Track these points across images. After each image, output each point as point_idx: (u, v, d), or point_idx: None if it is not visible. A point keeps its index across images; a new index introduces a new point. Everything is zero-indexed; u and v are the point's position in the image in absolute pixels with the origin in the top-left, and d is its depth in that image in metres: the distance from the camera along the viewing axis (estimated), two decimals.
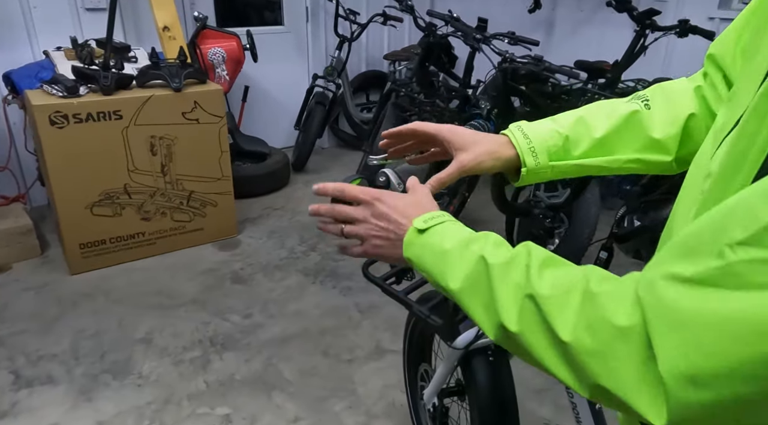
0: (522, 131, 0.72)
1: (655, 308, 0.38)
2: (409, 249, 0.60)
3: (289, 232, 3.08)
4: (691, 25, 2.40)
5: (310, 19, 4.12)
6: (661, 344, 0.37)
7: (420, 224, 0.60)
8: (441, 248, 0.57)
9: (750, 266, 0.33)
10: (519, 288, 0.48)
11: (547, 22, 3.80)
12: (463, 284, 0.54)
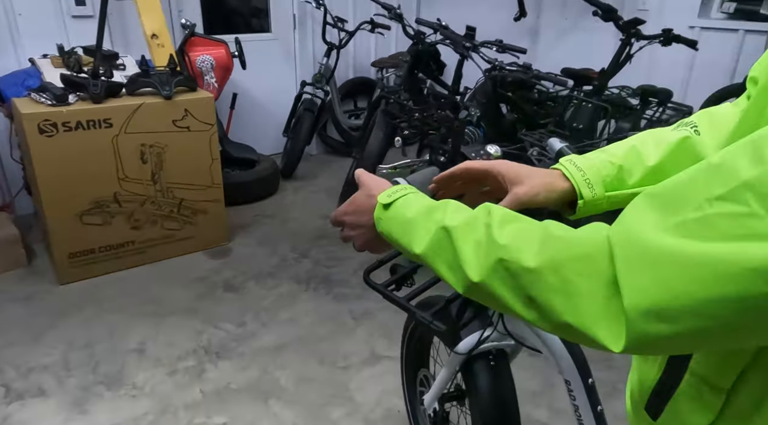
0: (574, 164, 0.73)
1: (626, 249, 0.41)
2: (379, 224, 0.67)
3: (281, 239, 3.07)
4: (675, 35, 2.47)
5: (297, 26, 4.13)
6: (629, 281, 0.40)
7: (384, 200, 0.66)
8: (404, 217, 0.63)
9: (724, 218, 0.36)
10: (480, 245, 0.52)
11: (532, 30, 3.86)
12: (426, 248, 0.58)
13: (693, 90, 3.18)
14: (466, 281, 0.53)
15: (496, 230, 0.52)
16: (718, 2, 3.16)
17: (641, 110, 2.83)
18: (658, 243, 0.39)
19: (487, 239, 0.52)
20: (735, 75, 2.99)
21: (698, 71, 3.15)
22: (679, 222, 0.39)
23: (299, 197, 3.68)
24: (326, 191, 3.73)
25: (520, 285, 0.48)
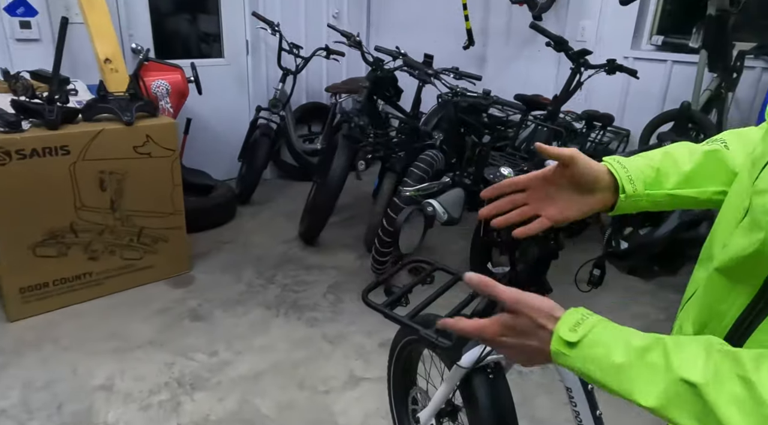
0: (618, 162, 0.77)
1: None
2: (563, 359, 0.59)
3: (244, 265, 3.02)
4: (618, 64, 2.70)
5: (250, 52, 4.13)
6: None
7: (568, 336, 0.58)
8: (611, 362, 0.55)
9: None
10: (743, 402, 0.47)
11: (479, 57, 4.07)
12: (661, 401, 0.52)
13: (628, 115, 3.45)
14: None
15: (762, 389, 0.46)
16: (647, 35, 3.48)
17: (587, 133, 3.05)
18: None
19: (753, 401, 0.47)
20: (666, 101, 3.28)
21: (632, 97, 3.43)
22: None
23: (258, 222, 3.63)
24: (285, 216, 3.71)
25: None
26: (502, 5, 3.76)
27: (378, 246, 2.61)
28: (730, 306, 0.59)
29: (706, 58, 2.52)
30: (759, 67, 2.94)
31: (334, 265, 3.06)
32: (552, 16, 3.58)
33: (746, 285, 0.56)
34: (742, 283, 0.56)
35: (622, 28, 3.40)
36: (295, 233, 3.41)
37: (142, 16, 3.54)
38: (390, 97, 3.32)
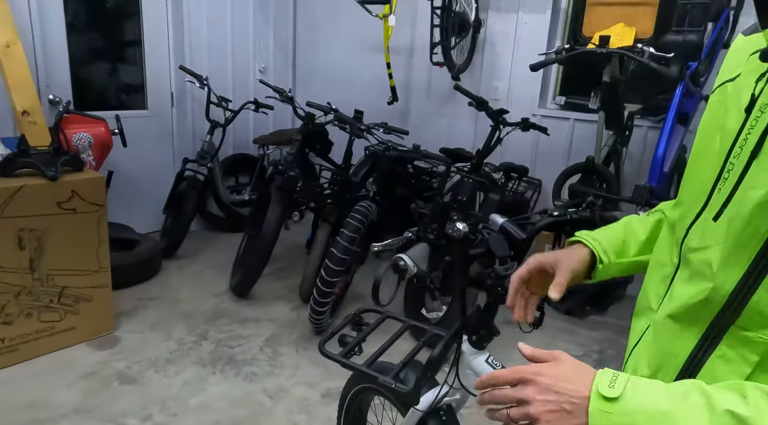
0: (592, 237, 0.92)
1: None
2: (603, 420, 0.58)
3: (173, 322, 2.91)
4: (531, 122, 3.00)
5: (175, 103, 4.11)
6: None
7: (607, 392, 0.59)
8: (657, 409, 0.56)
9: None
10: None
11: (403, 112, 4.31)
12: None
13: (540, 166, 3.79)
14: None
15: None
16: (551, 95, 3.88)
17: (505, 183, 3.31)
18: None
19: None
20: (570, 154, 3.65)
21: (542, 151, 3.78)
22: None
23: (186, 276, 3.53)
24: (214, 268, 3.63)
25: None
26: (423, 66, 4.05)
27: (317, 297, 2.64)
28: (681, 347, 0.68)
29: (603, 118, 2.87)
30: (645, 126, 3.38)
31: (269, 317, 3.03)
32: (468, 77, 3.91)
33: (695, 327, 0.67)
34: (692, 326, 0.67)
35: (529, 89, 3.77)
36: (226, 286, 3.35)
37: (62, 65, 3.43)
38: (321, 149, 3.43)
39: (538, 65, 2.65)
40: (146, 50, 3.89)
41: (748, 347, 0.62)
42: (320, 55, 4.73)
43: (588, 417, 0.59)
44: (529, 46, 3.68)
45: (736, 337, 0.63)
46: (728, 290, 0.62)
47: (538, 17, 3.65)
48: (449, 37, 3.37)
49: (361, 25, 4.24)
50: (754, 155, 0.61)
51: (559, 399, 0.61)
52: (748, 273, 0.60)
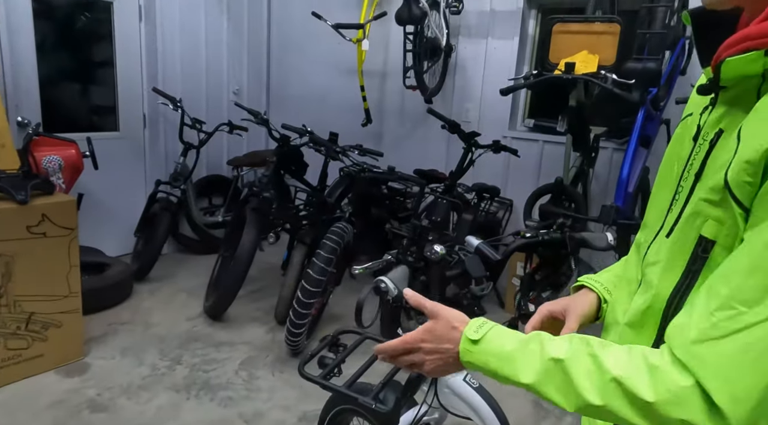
0: (593, 279, 0.97)
1: (700, 370, 0.58)
2: (469, 356, 0.74)
3: (145, 347, 2.86)
4: (502, 144, 3.09)
5: (147, 125, 4.08)
6: (712, 389, 0.56)
7: (472, 335, 0.74)
8: (504, 351, 0.71)
9: (728, 320, 0.57)
10: (591, 373, 0.63)
11: (376, 134, 4.37)
12: (536, 377, 0.67)
13: (510, 187, 3.89)
14: (582, 403, 0.63)
15: (601, 359, 0.63)
16: (521, 118, 4.00)
17: (478, 204, 3.38)
18: (709, 354, 0.57)
19: (597, 368, 0.63)
20: (540, 174, 3.76)
21: (513, 171, 3.88)
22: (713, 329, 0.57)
23: (158, 299, 3.47)
24: (187, 292, 3.59)
25: (638, 403, 0.60)
26: (397, 89, 4.13)
27: (293, 318, 2.63)
28: None
29: (571, 140, 2.98)
30: (610, 147, 3.51)
31: (244, 340, 3.00)
32: (440, 99, 4.00)
33: (647, 333, 0.74)
34: (644, 332, 0.74)
35: (500, 111, 3.88)
36: (200, 310, 3.31)
37: (31, 86, 3.39)
38: (296, 171, 3.45)
39: (507, 90, 2.75)
40: (118, 72, 3.87)
41: None
42: (294, 77, 4.79)
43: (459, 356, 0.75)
44: (499, 70, 3.80)
45: None
46: (666, 296, 0.69)
47: (507, 43, 3.78)
48: (421, 62, 3.46)
49: (335, 49, 4.32)
50: (698, 177, 0.68)
51: (441, 356, 0.77)
52: (681, 279, 0.67)
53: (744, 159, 0.59)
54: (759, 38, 0.59)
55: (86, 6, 3.67)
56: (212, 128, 3.94)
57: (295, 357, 2.82)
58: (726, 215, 0.62)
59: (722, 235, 0.62)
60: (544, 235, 1.38)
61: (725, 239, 0.62)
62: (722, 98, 0.69)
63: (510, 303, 3.47)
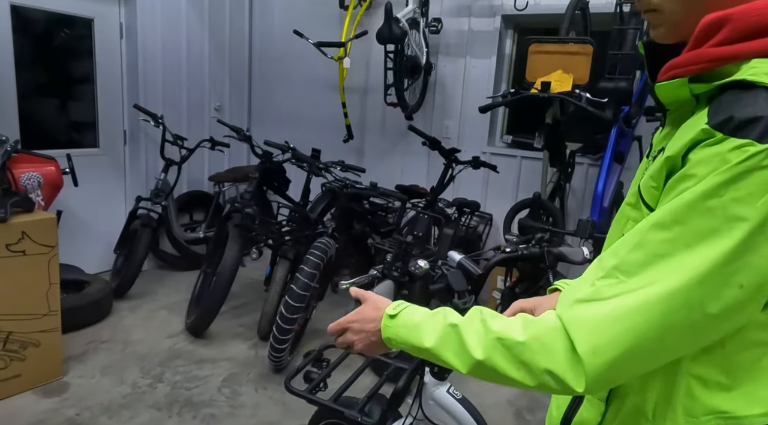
0: (567, 284, 1.02)
1: (571, 322, 0.66)
2: (387, 331, 0.85)
3: (126, 365, 2.83)
4: (481, 160, 3.16)
5: (128, 141, 4.07)
6: (577, 339, 0.64)
7: (391, 311, 0.86)
8: (412, 321, 0.82)
9: (608, 287, 0.65)
10: (479, 333, 0.73)
11: (358, 150, 4.42)
12: (436, 342, 0.77)
13: (490, 201, 3.96)
14: (471, 361, 0.72)
15: (489, 322, 0.73)
16: (499, 134, 4.10)
17: (459, 218, 3.44)
18: (582, 311, 0.66)
19: (484, 329, 0.73)
20: (519, 189, 3.85)
21: (492, 186, 3.96)
22: (588, 293, 0.66)
23: (138, 317, 3.43)
24: (168, 308, 3.56)
25: (514, 354, 0.69)
26: (378, 105, 4.20)
27: (276, 334, 2.64)
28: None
29: (548, 156, 3.07)
30: (585, 163, 3.62)
31: (227, 356, 2.99)
32: (421, 116, 4.08)
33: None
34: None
35: (479, 128, 3.97)
36: (181, 327, 3.29)
37: (9, 102, 3.37)
38: (279, 187, 3.47)
39: (486, 107, 2.82)
40: (99, 88, 3.87)
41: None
42: (276, 94, 4.82)
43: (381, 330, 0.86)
44: (477, 88, 3.90)
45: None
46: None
47: (485, 62, 3.88)
48: (402, 79, 3.53)
49: (316, 67, 4.38)
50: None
51: (367, 334, 0.90)
52: None
53: (655, 168, 0.69)
54: (682, 67, 0.67)
55: (66, 22, 3.67)
56: (194, 144, 3.95)
57: (279, 373, 2.82)
58: (639, 215, 0.71)
59: None
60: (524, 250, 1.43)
61: None
62: (668, 119, 0.78)
63: None
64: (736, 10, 0.64)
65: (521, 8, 3.52)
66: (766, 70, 0.62)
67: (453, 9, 3.93)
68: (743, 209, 0.59)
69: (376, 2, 4.11)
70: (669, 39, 0.75)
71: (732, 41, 0.64)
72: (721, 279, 0.61)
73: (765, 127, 0.59)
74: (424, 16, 3.80)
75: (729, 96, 0.64)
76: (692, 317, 0.62)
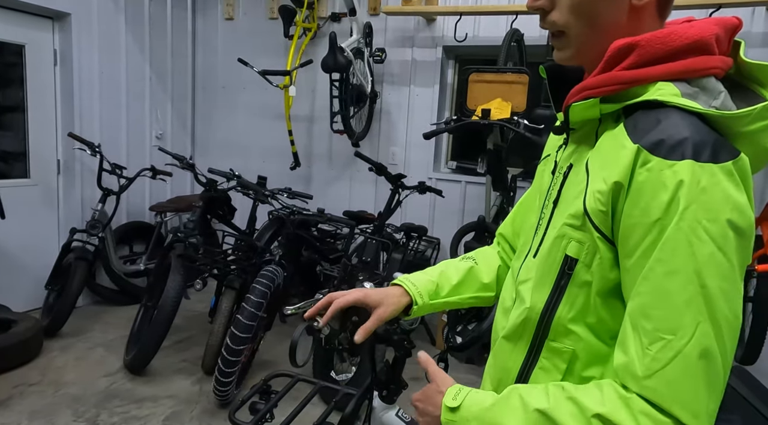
0: (410, 281, 1.06)
1: (659, 400, 0.65)
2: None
3: (57, 408, 2.64)
4: (427, 186, 3.22)
5: (62, 171, 3.89)
6: (676, 412, 0.64)
7: (451, 403, 0.80)
8: (483, 410, 0.76)
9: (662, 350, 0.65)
10: (576, 416, 0.68)
11: (305, 177, 4.41)
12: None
13: (437, 226, 4.02)
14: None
15: (582, 401, 0.68)
16: (444, 160, 4.20)
17: (407, 243, 3.47)
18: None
19: (580, 411, 0.68)
20: (464, 213, 3.93)
21: (438, 211, 4.03)
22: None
23: (71, 356, 3.23)
24: (104, 346, 3.37)
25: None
26: (324, 133, 4.22)
27: (222, 367, 2.54)
28: (513, 363, 0.85)
29: (490, 180, 3.16)
30: (526, 187, 3.74)
31: (169, 394, 2.84)
32: (367, 143, 4.12)
33: (521, 344, 0.83)
34: (519, 343, 0.83)
35: (424, 154, 4.05)
36: (119, 364, 3.11)
37: None
38: (224, 215, 3.40)
39: (430, 134, 2.89)
40: (30, 116, 3.70)
41: (558, 357, 0.78)
42: (221, 122, 4.76)
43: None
44: (422, 115, 4.00)
45: (549, 349, 0.79)
46: (539, 309, 0.78)
47: (428, 90, 3.99)
48: (348, 107, 3.57)
49: (262, 95, 4.37)
50: (555, 204, 0.81)
51: (428, 416, 0.85)
52: (551, 293, 0.77)
53: (596, 189, 0.71)
54: (595, 88, 0.72)
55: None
56: (134, 173, 3.82)
57: (225, 408, 2.71)
58: (586, 237, 0.73)
59: (583, 254, 0.73)
60: None
61: (586, 257, 0.73)
62: (572, 138, 0.83)
63: (440, 339, 3.54)
64: (643, 38, 0.70)
65: (461, 40, 3.66)
66: (670, 91, 0.69)
67: (396, 40, 4.04)
68: (719, 226, 0.64)
69: (320, 32, 4.17)
70: (572, 61, 0.80)
71: (639, 65, 0.70)
72: (736, 287, 0.65)
73: (695, 145, 0.64)
74: (368, 46, 3.89)
75: (642, 115, 0.69)
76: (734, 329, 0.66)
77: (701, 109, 0.67)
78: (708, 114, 0.67)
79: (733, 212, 0.64)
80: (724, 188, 0.63)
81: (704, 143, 0.64)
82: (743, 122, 0.66)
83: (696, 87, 0.69)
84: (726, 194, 0.64)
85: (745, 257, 0.66)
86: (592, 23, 0.75)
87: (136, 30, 4.20)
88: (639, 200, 0.66)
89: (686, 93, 0.69)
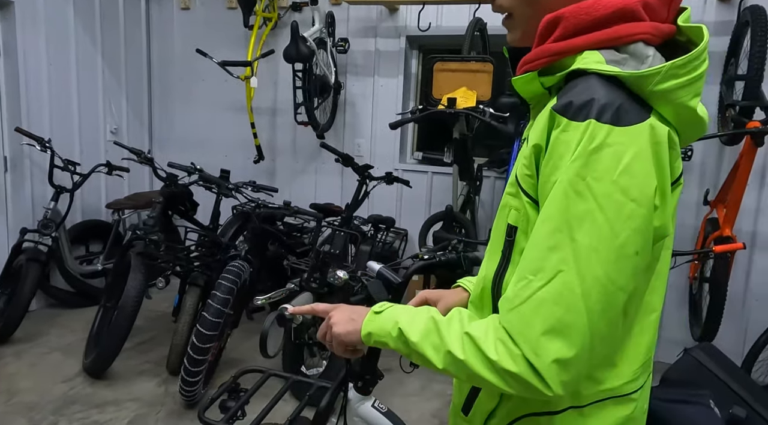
0: (470, 281, 1.08)
1: (513, 333, 0.69)
2: (369, 325, 0.84)
3: (11, 418, 2.51)
4: (394, 176, 3.19)
5: (9, 169, 3.69)
6: (522, 346, 0.68)
7: (377, 309, 0.86)
8: (398, 317, 0.81)
9: (523, 289, 0.69)
10: (460, 334, 0.74)
11: (270, 170, 4.31)
12: (420, 336, 0.77)
13: (404, 217, 4.00)
14: (448, 357, 0.73)
15: (466, 326, 0.74)
16: (410, 151, 4.18)
17: (374, 235, 3.44)
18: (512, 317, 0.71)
19: (461, 329, 0.74)
20: (431, 204, 3.93)
21: (406, 202, 4.01)
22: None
23: (25, 362, 3.07)
24: (61, 350, 3.22)
25: (485, 358, 0.71)
26: (288, 125, 4.13)
27: (188, 366, 2.46)
28: None
29: (457, 170, 3.17)
30: (492, 176, 3.77)
31: (132, 397, 2.74)
32: (332, 135, 4.06)
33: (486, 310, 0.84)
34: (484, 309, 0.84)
35: (390, 145, 4.02)
36: (78, 368, 2.98)
37: None
38: (185, 211, 3.29)
39: (396, 124, 2.87)
40: None
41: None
42: (180, 115, 4.61)
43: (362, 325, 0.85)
44: (387, 106, 3.96)
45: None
46: (491, 278, 0.82)
47: (392, 81, 3.96)
48: (312, 98, 3.51)
49: (222, 87, 4.25)
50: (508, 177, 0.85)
51: (351, 318, 0.89)
52: (500, 262, 0.80)
53: (523, 155, 0.75)
54: (531, 62, 0.75)
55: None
56: (88, 169, 3.66)
57: (192, 409, 2.63)
58: (519, 203, 0.76)
59: (520, 221, 0.76)
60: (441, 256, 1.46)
61: (522, 224, 0.75)
62: (532, 114, 0.84)
63: None
64: (567, 10, 0.72)
65: (424, 29, 3.64)
66: (594, 59, 0.70)
67: (359, 30, 3.99)
68: (605, 185, 0.65)
69: (281, 22, 4.08)
70: (522, 42, 0.82)
71: (566, 37, 0.72)
72: (616, 252, 0.66)
73: (600, 107, 0.66)
74: (331, 36, 3.82)
75: (570, 85, 0.71)
76: (608, 293, 0.67)
77: (613, 71, 0.68)
78: (621, 75, 0.68)
79: (623, 176, 0.65)
80: (618, 150, 0.65)
81: (609, 105, 0.66)
82: (652, 81, 0.67)
83: (625, 53, 0.71)
84: (618, 156, 0.65)
85: (643, 227, 0.67)
86: (533, 3, 0.77)
87: (86, 19, 4.01)
88: (550, 159, 0.69)
89: (612, 60, 0.70)
